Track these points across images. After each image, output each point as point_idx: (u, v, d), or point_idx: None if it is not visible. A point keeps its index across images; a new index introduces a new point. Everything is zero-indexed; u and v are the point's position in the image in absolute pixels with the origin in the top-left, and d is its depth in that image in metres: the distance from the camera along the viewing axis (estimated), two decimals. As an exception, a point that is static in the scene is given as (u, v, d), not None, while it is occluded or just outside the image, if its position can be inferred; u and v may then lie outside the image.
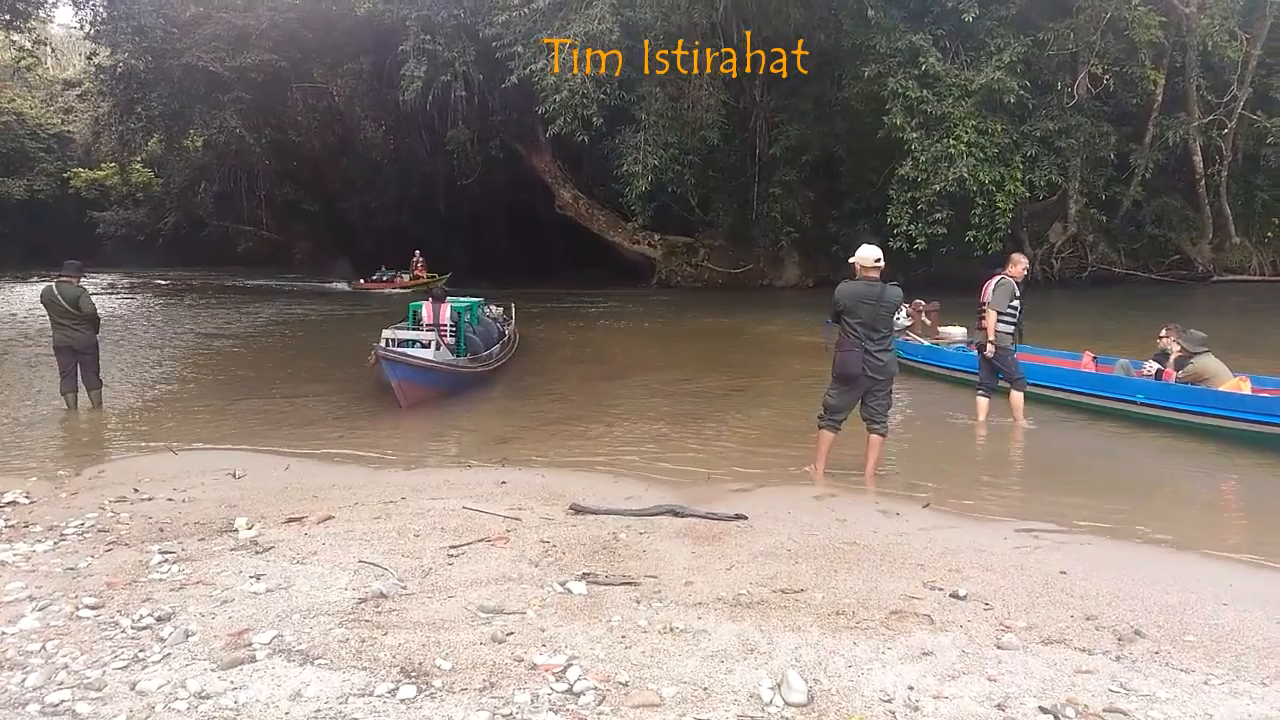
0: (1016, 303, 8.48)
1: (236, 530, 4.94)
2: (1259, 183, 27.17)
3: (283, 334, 18.87)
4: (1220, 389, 8.10)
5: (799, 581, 4.11)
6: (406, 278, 30.04)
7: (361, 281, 30.69)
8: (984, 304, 8.69)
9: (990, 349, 8.45)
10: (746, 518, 5.30)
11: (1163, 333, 9.10)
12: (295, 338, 18.39)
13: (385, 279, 30.27)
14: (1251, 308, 20.82)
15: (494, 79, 25.95)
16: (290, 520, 5.15)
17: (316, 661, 3.14)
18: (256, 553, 4.49)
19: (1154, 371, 8.88)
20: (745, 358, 14.71)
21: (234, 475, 6.59)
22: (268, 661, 3.14)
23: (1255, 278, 26.97)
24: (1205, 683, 3.05)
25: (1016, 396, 8.61)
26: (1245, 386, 8.10)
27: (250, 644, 3.30)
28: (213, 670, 3.07)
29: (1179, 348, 8.70)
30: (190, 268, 41.01)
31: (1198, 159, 25.64)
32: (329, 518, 5.18)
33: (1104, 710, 2.78)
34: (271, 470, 6.84)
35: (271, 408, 10.24)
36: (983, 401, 8.68)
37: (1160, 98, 24.34)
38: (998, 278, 8.73)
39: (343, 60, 31.79)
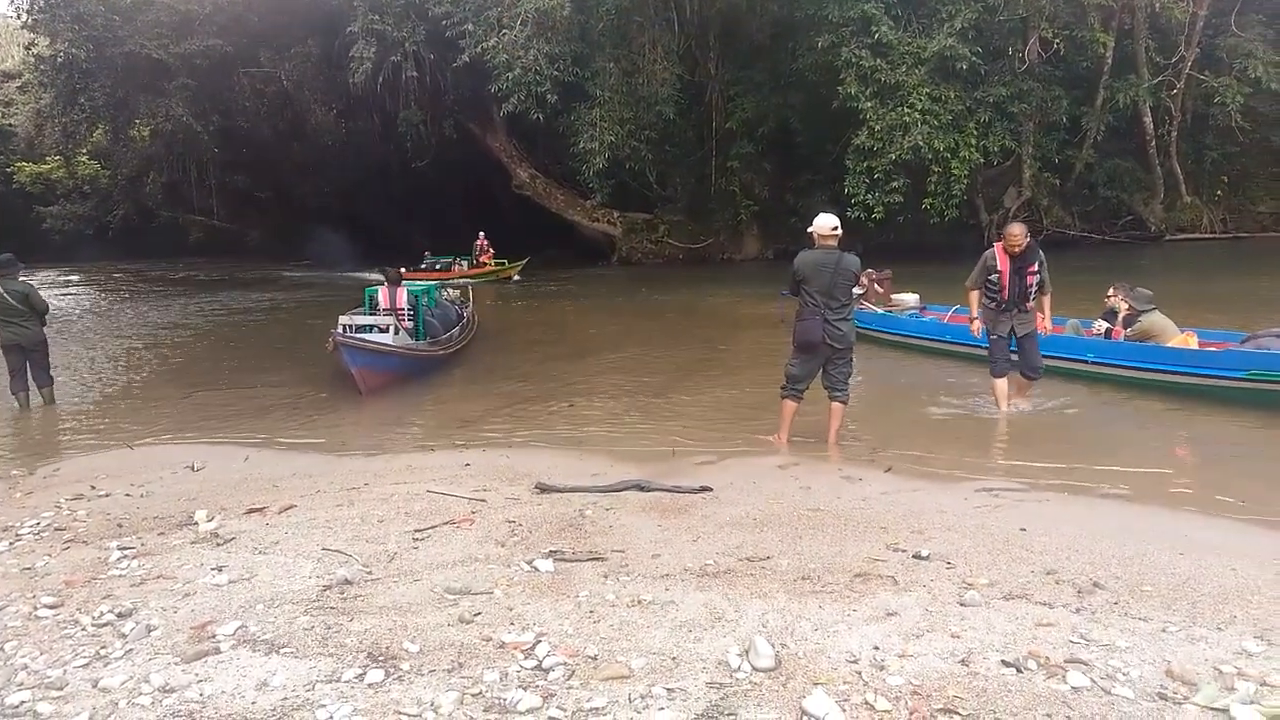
0: (995, 276, 7.59)
1: (197, 523, 4.88)
2: (1208, 142, 27.64)
3: (238, 323, 18.61)
4: (1168, 345, 8.27)
5: (765, 549, 4.14)
6: (465, 265, 26.13)
7: (404, 271, 27.74)
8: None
9: (975, 326, 7.94)
10: (712, 489, 5.33)
11: (1110, 291, 9.24)
12: (251, 327, 18.14)
13: (439, 267, 26.01)
14: (1202, 265, 21.21)
15: (445, 58, 25.67)
16: (251, 511, 5.09)
17: (282, 650, 3.11)
18: (218, 545, 4.43)
19: (1103, 330, 9.03)
20: (707, 331, 14.73)
21: (192, 468, 6.49)
22: (232, 653, 3.11)
23: (1206, 236, 27.48)
24: (1163, 630, 3.11)
25: (994, 383, 7.77)
26: (1192, 342, 8.28)
27: (214, 636, 3.27)
28: (176, 664, 3.04)
29: (1127, 306, 8.86)
30: (141, 260, 40.23)
31: (1148, 120, 26.02)
32: (291, 507, 5.13)
33: (1065, 661, 2.83)
34: (231, 462, 6.75)
35: (229, 399, 10.10)
36: (999, 384, 7.71)
37: (1110, 60, 24.63)
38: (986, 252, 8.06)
39: (290, 44, 31.18)
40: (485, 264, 26.00)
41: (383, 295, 11.26)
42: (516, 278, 25.67)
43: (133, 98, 31.08)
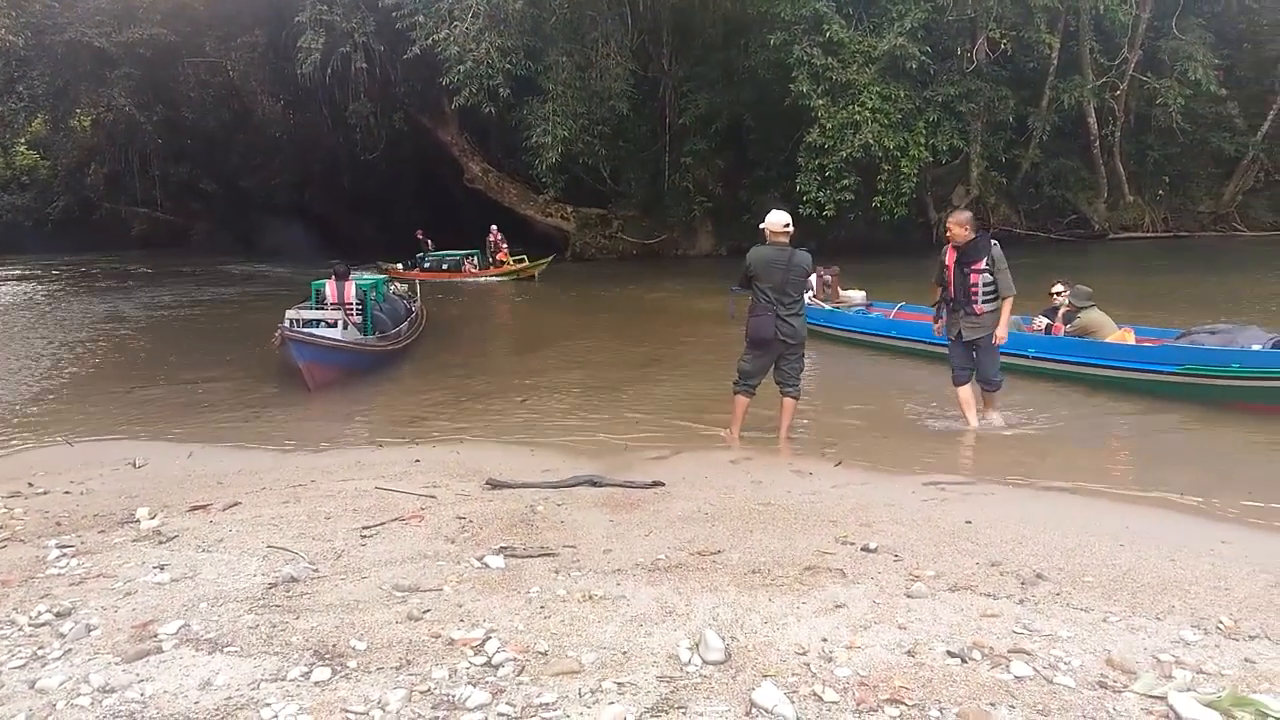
0: (942, 272, 7.19)
1: (138, 521, 4.77)
2: (1150, 142, 28.33)
3: (182, 317, 18.25)
4: (1106, 340, 8.47)
5: (716, 543, 4.15)
6: (476, 262, 23.75)
7: (400, 269, 24.03)
8: None
9: (936, 326, 7.51)
10: (664, 484, 5.34)
11: (1058, 288, 9.44)
12: (195, 321, 17.80)
13: (445, 266, 23.77)
14: (1143, 263, 21.73)
15: (396, 50, 25.36)
16: (195, 508, 4.99)
17: (226, 649, 3.05)
18: (160, 543, 4.34)
19: (1044, 326, 9.22)
20: (661, 327, 14.76)
21: (134, 465, 6.37)
22: (175, 652, 3.04)
23: (1148, 234, 28.16)
24: (1104, 620, 3.17)
25: (955, 391, 7.28)
26: (1130, 337, 8.50)
27: (156, 635, 3.19)
28: (117, 664, 2.96)
29: (1067, 303, 9.06)
30: (82, 252, 39.24)
31: (1092, 120, 26.61)
32: (235, 504, 5.04)
33: (1009, 651, 2.88)
34: (174, 458, 6.63)
35: (172, 394, 9.90)
36: (960, 393, 7.20)
37: (1056, 61, 25.13)
38: None
39: (236, 33, 30.63)
40: (503, 261, 23.81)
41: (330, 289, 11.11)
42: (537, 277, 23.43)
43: (73, 87, 30.35)
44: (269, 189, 37.11)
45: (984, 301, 6.94)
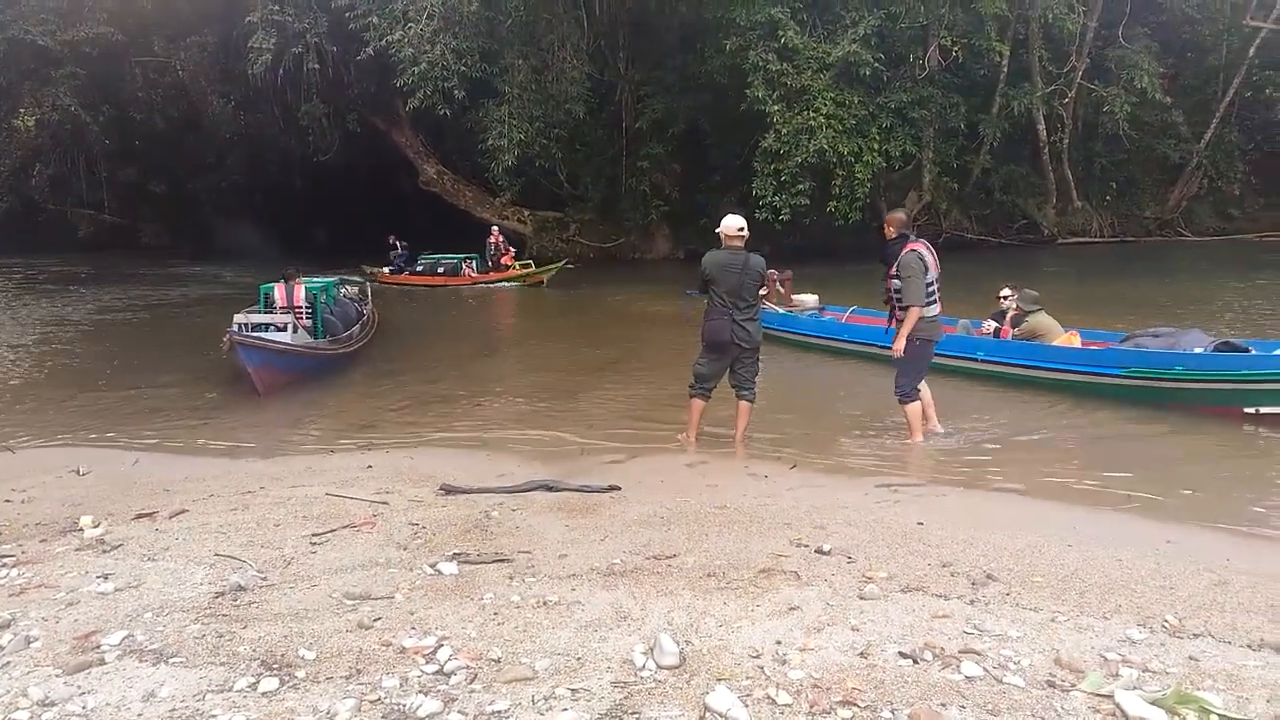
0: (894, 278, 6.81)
1: (82, 529, 4.65)
2: (1098, 149, 28.93)
3: (128, 321, 17.85)
4: (1053, 344, 8.62)
5: (671, 547, 4.15)
6: (474, 266, 22.04)
7: (386, 272, 23.05)
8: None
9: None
10: (620, 488, 5.33)
11: (1005, 292, 9.60)
12: (142, 325, 17.43)
13: (441, 270, 22.13)
14: (1090, 268, 22.17)
15: (349, 51, 25.10)
16: (140, 516, 4.89)
17: (171, 660, 2.99)
18: (104, 551, 4.24)
19: (993, 330, 9.37)
20: (617, 331, 14.75)
21: (78, 472, 6.21)
22: (118, 663, 2.98)
23: (1096, 239, 28.73)
24: (1052, 620, 3.22)
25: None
26: (1076, 341, 8.67)
27: (99, 646, 3.12)
28: (58, 676, 2.89)
29: (1015, 306, 9.22)
30: (26, 255, 38.27)
31: (1041, 127, 27.11)
32: (182, 511, 4.94)
33: (959, 651, 2.91)
34: (119, 465, 6.49)
35: (118, 400, 9.67)
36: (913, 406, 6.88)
37: (1006, 69, 25.55)
38: None
39: (185, 32, 30.06)
40: (509, 265, 22.31)
41: (279, 292, 10.95)
42: (546, 283, 21.81)
43: (16, 86, 29.58)
44: (219, 191, 36.44)
45: (899, 308, 6.76)
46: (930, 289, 6.67)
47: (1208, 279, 18.46)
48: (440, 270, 22.29)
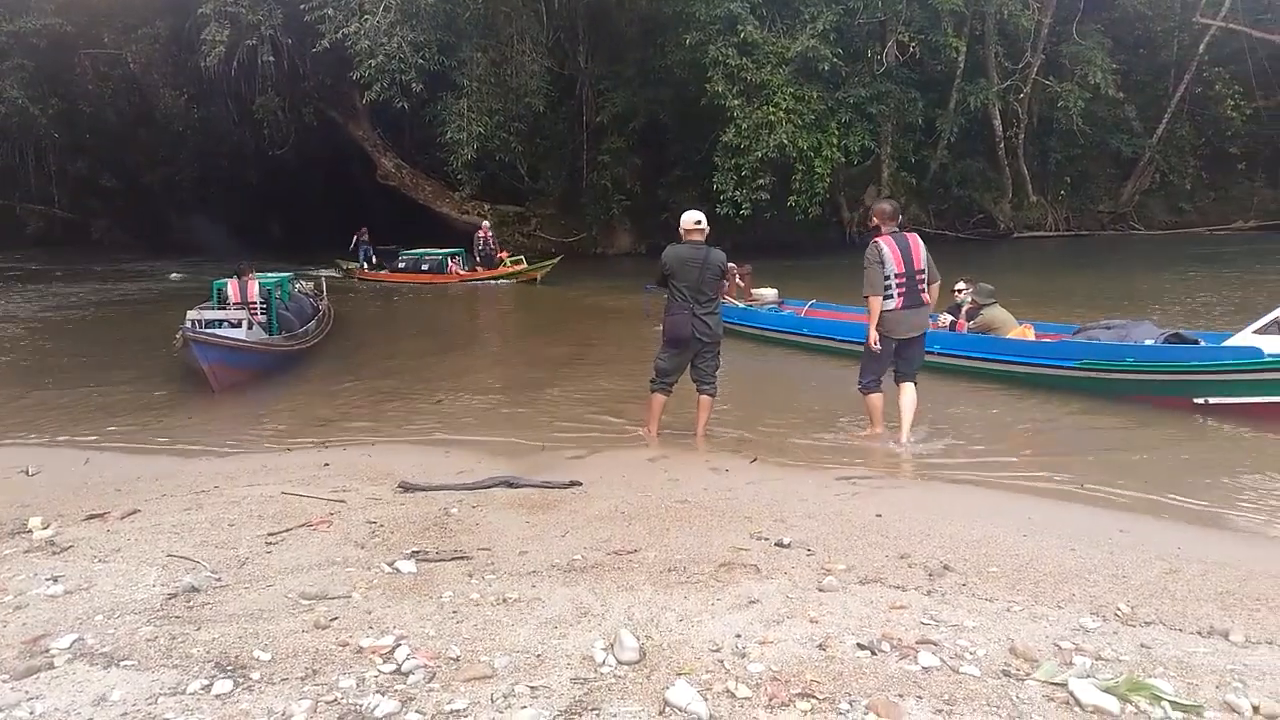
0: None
1: (30, 531, 4.55)
2: (1052, 144, 29.38)
3: (79, 318, 17.50)
4: (1007, 337, 8.74)
5: (632, 542, 4.14)
6: (460, 262, 21.32)
7: (364, 269, 22.79)
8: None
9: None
10: (581, 484, 5.31)
11: (960, 285, 9.71)
12: (93, 322, 17.10)
13: (425, 268, 21.44)
14: (1045, 261, 22.51)
15: (305, 43, 24.76)
16: (91, 517, 4.79)
17: (123, 663, 2.93)
18: (54, 553, 4.15)
19: (948, 323, 9.47)
20: (578, 326, 14.72)
21: (27, 472, 6.09)
22: (68, 667, 2.91)
23: (1050, 233, 29.20)
24: (1007, 610, 3.25)
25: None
26: (1029, 334, 8.81)
27: (48, 650, 3.05)
28: (5, 681, 2.82)
29: (970, 300, 9.34)
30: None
31: (997, 123, 27.48)
32: (134, 512, 4.85)
33: (917, 642, 2.93)
34: (70, 465, 6.36)
35: (68, 398, 9.48)
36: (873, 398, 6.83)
37: (962, 65, 25.85)
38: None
39: (136, 24, 29.47)
40: (503, 260, 21.51)
41: (232, 288, 10.80)
42: (540, 280, 21.21)
43: (-40, 79, 28.84)
44: (173, 185, 35.81)
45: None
46: (892, 282, 6.51)
47: (1159, 272, 18.83)
48: (424, 267, 21.60)
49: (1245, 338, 7.25)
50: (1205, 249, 23.62)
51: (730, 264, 7.62)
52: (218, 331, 9.67)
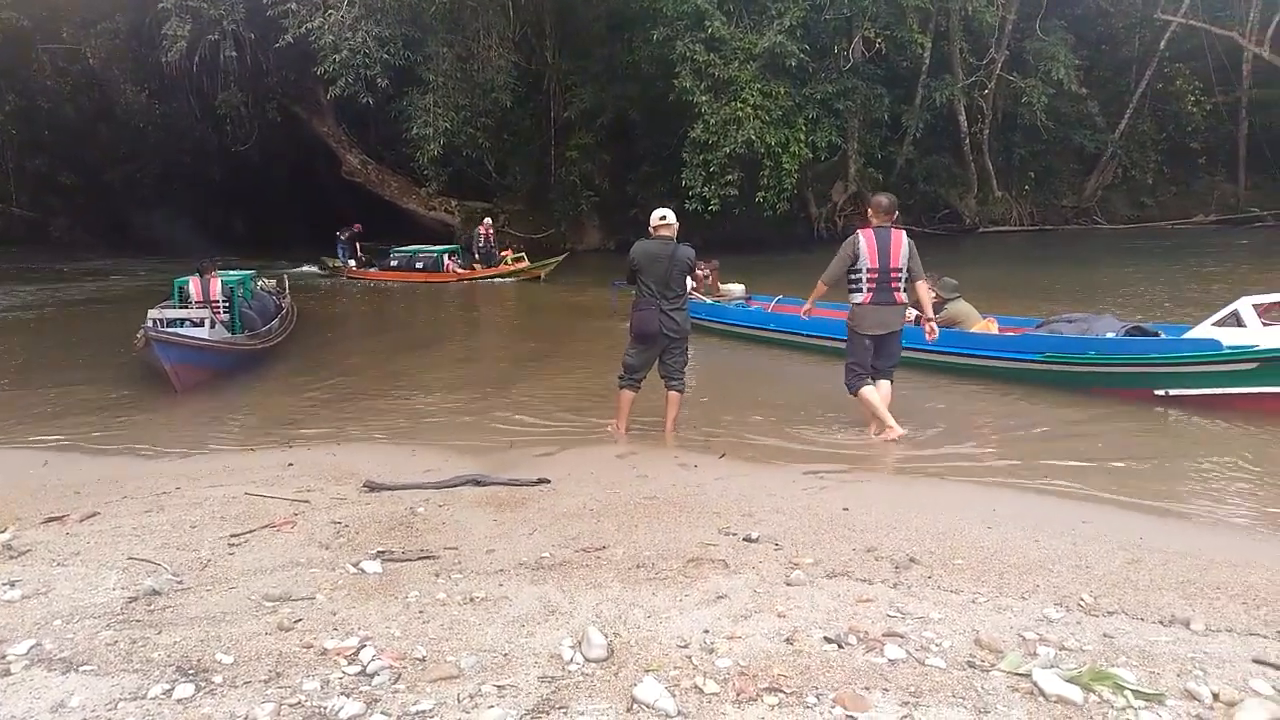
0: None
1: (-14, 536, 4.47)
2: (1016, 140, 29.67)
3: (37, 318, 17.20)
4: (972, 330, 8.82)
5: (601, 539, 4.13)
6: (457, 260, 20.75)
7: (352, 265, 22.24)
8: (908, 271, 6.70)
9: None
10: (550, 481, 5.29)
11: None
12: (52, 322, 16.82)
13: (420, 266, 20.70)
14: (1010, 256, 22.72)
15: (268, 38, 24.54)
16: (50, 520, 4.70)
17: (82, 668, 2.88)
18: (10, 557, 4.07)
19: (912, 317, 9.53)
20: (547, 322, 14.68)
21: (-18, 476, 5.96)
22: (25, 674, 2.85)
23: (1015, 228, 29.50)
24: (973, 601, 3.28)
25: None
26: (993, 327, 8.88)
27: (4, 656, 2.99)
28: (-42, 690, 2.76)
29: (935, 294, 9.39)
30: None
31: (962, 119, 27.71)
32: (94, 514, 4.76)
33: (883, 635, 2.94)
34: (27, 467, 6.24)
35: (26, 399, 9.30)
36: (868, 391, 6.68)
37: (927, 61, 26.03)
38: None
39: (95, 19, 29.02)
40: (505, 259, 20.97)
41: (194, 287, 10.67)
42: (543, 277, 20.80)
43: (-87, 74, 28.28)
44: (134, 182, 35.28)
45: None
46: (863, 276, 6.50)
47: (1121, 266, 19.08)
48: (419, 265, 20.91)
49: (1204, 330, 7.36)
50: (1166, 243, 23.99)
51: (699, 260, 7.64)
52: (180, 331, 9.54)
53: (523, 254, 21.44)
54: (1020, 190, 30.26)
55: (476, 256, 21.40)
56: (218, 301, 10.67)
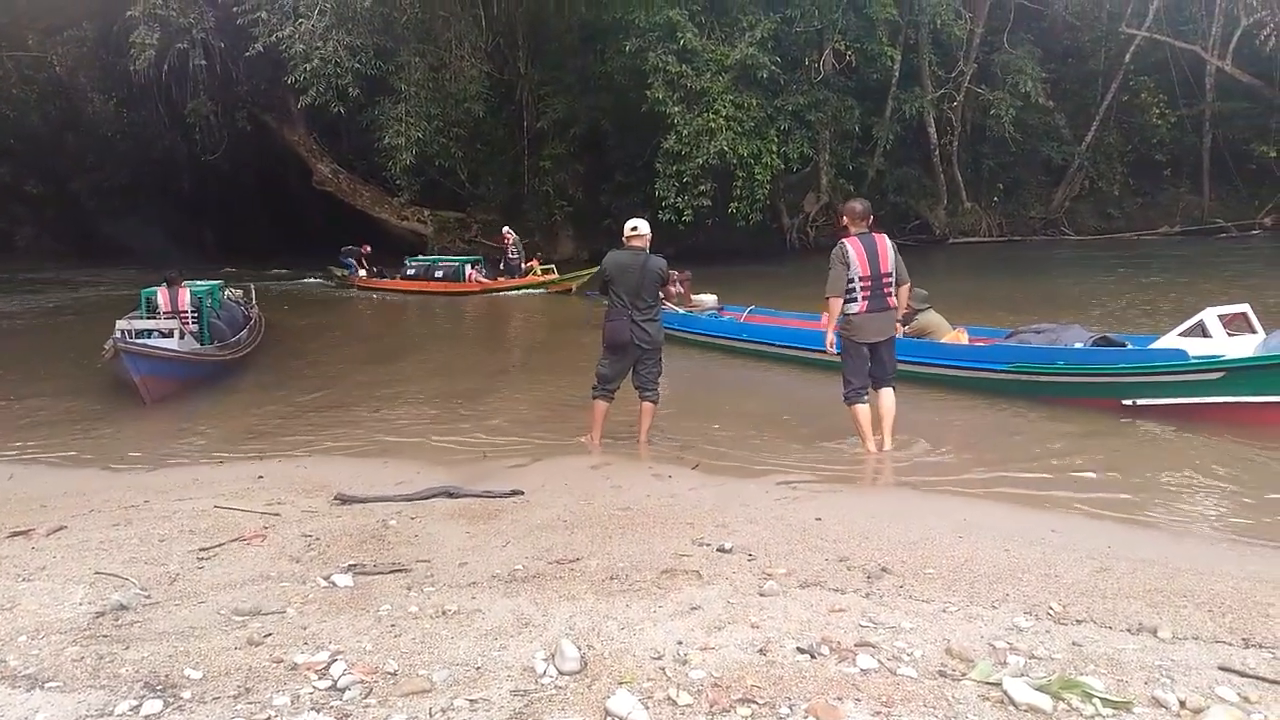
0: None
1: (-51, 551, 4.39)
2: (985, 151, 30.05)
3: (1, 330, 16.95)
4: (942, 341, 8.89)
5: (575, 551, 4.12)
6: (481, 270, 19.87)
7: (362, 275, 21.55)
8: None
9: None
10: (524, 493, 5.27)
11: None
12: (16, 333, 16.58)
13: (440, 275, 19.93)
14: (979, 267, 22.95)
15: (238, 46, 24.36)
16: (15, 534, 4.63)
17: (47, 685, 2.83)
18: (-27, 573, 4.00)
19: None
20: (521, 333, 14.66)
21: (-55, 490, 5.86)
22: (-12, 691, 2.81)
23: (985, 239, 29.81)
24: (944, 611, 3.29)
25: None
26: (963, 338, 8.97)
27: (-34, 675, 2.94)
28: (-80, 709, 2.71)
29: (906, 304, 9.46)
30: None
31: (932, 130, 28.02)
32: (61, 528, 4.69)
33: (855, 645, 2.95)
34: (-9, 481, 6.14)
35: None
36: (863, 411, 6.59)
37: (897, 73, 26.32)
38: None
39: (62, 25, 28.68)
40: (533, 269, 20.12)
41: (162, 297, 10.57)
42: (575, 289, 19.20)
43: (-127, 80, 27.79)
44: (101, 191, 34.88)
45: None
46: (856, 284, 6.39)
47: (1088, 276, 19.33)
48: (438, 275, 20.13)
49: (1171, 340, 7.45)
50: (1132, 253, 24.32)
51: (671, 270, 7.64)
52: (149, 342, 9.44)
53: (551, 266, 20.55)
54: (989, 201, 30.62)
55: (502, 267, 20.66)
56: (186, 312, 10.58)
